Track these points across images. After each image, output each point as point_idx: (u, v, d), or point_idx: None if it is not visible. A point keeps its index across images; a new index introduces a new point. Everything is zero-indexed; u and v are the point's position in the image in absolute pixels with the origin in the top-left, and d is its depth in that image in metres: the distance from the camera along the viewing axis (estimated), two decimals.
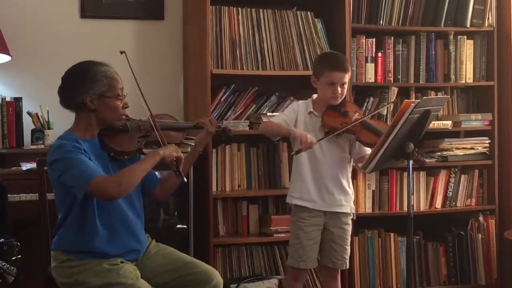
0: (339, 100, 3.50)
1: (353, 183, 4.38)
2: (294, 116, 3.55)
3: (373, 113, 3.49)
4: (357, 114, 3.52)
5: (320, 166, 3.48)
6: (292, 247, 3.59)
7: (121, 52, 3.10)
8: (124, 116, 3.03)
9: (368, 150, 3.54)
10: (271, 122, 3.58)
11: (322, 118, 3.48)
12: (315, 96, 3.60)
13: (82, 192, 2.76)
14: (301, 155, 3.46)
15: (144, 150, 3.15)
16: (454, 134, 4.76)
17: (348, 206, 3.57)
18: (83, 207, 2.86)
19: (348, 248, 3.61)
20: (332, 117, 3.48)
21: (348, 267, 3.66)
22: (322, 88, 3.51)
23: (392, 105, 4.54)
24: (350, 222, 3.61)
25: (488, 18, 4.73)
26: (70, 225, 2.91)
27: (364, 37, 4.52)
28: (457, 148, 4.68)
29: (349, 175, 3.61)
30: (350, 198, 3.60)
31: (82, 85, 2.91)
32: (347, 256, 3.60)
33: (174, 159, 2.99)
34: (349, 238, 3.62)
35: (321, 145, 3.46)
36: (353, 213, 3.62)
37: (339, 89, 3.46)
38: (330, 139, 3.46)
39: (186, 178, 3.13)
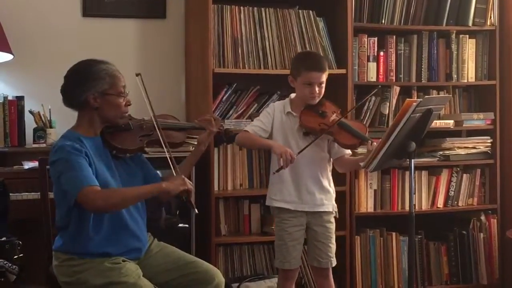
0: (317, 100, 3.49)
1: (354, 182, 4.41)
2: (270, 119, 3.54)
3: (349, 111, 3.46)
4: (335, 114, 3.50)
5: (299, 167, 3.46)
6: (277, 248, 3.59)
7: (137, 75, 3.07)
8: (127, 115, 3.03)
9: (347, 150, 3.55)
10: (247, 134, 3.51)
11: (300, 118, 3.47)
12: (293, 95, 3.59)
13: (73, 198, 2.77)
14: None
15: (146, 149, 3.15)
16: (456, 133, 4.75)
17: (329, 205, 3.57)
18: (81, 209, 2.85)
19: (333, 246, 3.59)
20: (310, 117, 3.46)
21: (334, 264, 3.62)
22: (299, 88, 3.50)
23: (394, 104, 4.53)
24: (332, 220, 3.60)
25: (490, 17, 4.73)
26: (71, 227, 2.91)
27: (366, 36, 4.51)
28: (459, 147, 4.68)
29: (329, 174, 3.60)
30: (331, 197, 3.59)
31: (84, 83, 2.92)
32: (332, 254, 3.58)
33: (182, 191, 2.94)
34: (333, 236, 3.60)
35: (299, 146, 3.44)
36: (335, 211, 3.61)
37: (316, 88, 3.45)
38: (307, 139, 3.45)
39: (197, 210, 3.07)
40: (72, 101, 2.96)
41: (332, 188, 3.61)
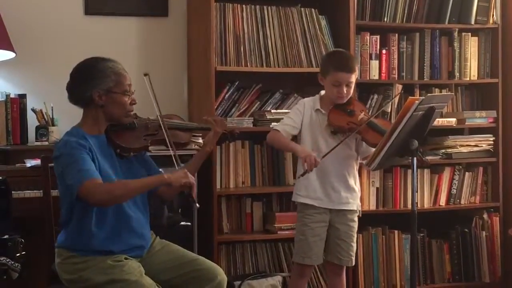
0: (345, 100, 3.49)
1: None
2: (300, 117, 3.54)
3: (377, 113, 3.49)
4: (363, 113, 3.51)
5: (325, 164, 3.45)
6: (297, 243, 3.59)
7: (145, 75, 3.08)
8: (132, 113, 3.04)
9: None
10: (277, 135, 3.52)
11: (328, 116, 3.47)
12: (323, 92, 3.59)
13: (75, 192, 2.77)
14: None
15: (150, 148, 3.16)
16: (458, 131, 4.75)
17: (354, 204, 3.57)
18: (84, 204, 2.86)
19: (354, 245, 3.60)
20: (338, 116, 3.47)
21: (354, 264, 3.65)
22: (328, 87, 3.50)
23: (396, 102, 4.53)
24: (356, 219, 3.61)
25: (493, 15, 4.73)
26: (73, 223, 2.91)
27: (369, 34, 4.51)
28: (461, 146, 4.68)
29: (356, 173, 3.61)
30: (357, 196, 3.59)
31: (90, 80, 2.92)
32: (353, 253, 3.60)
33: (184, 184, 2.94)
34: (355, 235, 3.62)
35: (327, 143, 3.45)
36: (359, 210, 3.62)
37: (344, 89, 3.45)
38: (336, 137, 3.46)
39: (198, 204, 3.08)
40: (77, 98, 2.97)
41: (358, 187, 3.61)
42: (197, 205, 3.05)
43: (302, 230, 3.56)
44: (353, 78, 3.47)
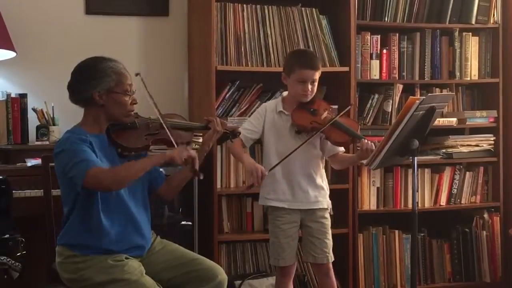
0: (309, 98, 3.50)
1: (357, 180, 4.41)
2: (261, 121, 3.56)
3: (341, 114, 3.49)
4: (326, 112, 3.51)
5: (291, 165, 3.47)
6: (271, 245, 3.60)
7: (136, 75, 3.07)
8: (133, 113, 3.04)
9: (341, 148, 3.55)
10: (234, 147, 3.54)
11: (291, 116, 3.48)
12: (285, 93, 3.61)
13: (80, 183, 2.76)
14: (271, 156, 3.50)
15: (151, 148, 3.16)
16: (459, 131, 4.75)
17: (324, 202, 3.57)
18: (87, 202, 2.86)
19: (329, 241, 3.58)
20: (301, 115, 3.47)
21: (331, 260, 3.60)
22: (292, 85, 3.51)
23: (397, 102, 4.53)
24: (327, 215, 3.60)
25: (494, 15, 4.72)
26: (75, 219, 2.91)
27: (369, 33, 4.51)
28: (462, 145, 4.68)
29: (323, 171, 3.61)
30: (325, 194, 3.59)
31: (91, 80, 2.92)
32: (328, 250, 3.57)
33: (186, 158, 2.94)
34: (329, 232, 3.59)
35: (292, 144, 3.45)
36: (329, 208, 3.61)
37: (309, 86, 3.46)
38: (300, 136, 3.46)
39: (201, 177, 3.06)
40: (78, 97, 2.97)
41: (325, 185, 3.61)
42: (201, 176, 3.03)
43: (274, 232, 3.57)
44: (317, 76, 3.48)
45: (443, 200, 4.70)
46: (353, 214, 4.40)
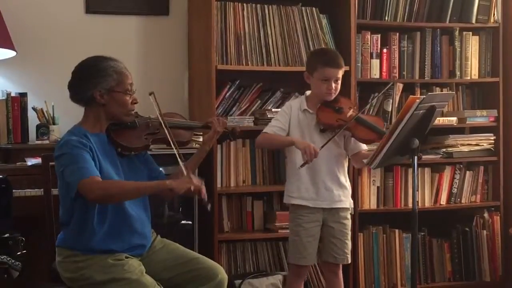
0: (333, 96, 3.50)
1: (357, 179, 4.41)
2: (287, 118, 3.56)
3: (365, 108, 3.49)
4: (351, 110, 3.52)
5: (316, 163, 3.46)
6: (292, 244, 3.59)
7: (150, 94, 3.06)
8: (133, 112, 3.04)
9: (363, 145, 3.56)
10: (269, 135, 3.54)
11: (316, 115, 3.48)
12: (308, 92, 3.60)
13: (74, 190, 2.77)
14: (296, 155, 3.48)
15: (151, 147, 3.16)
16: (459, 130, 4.75)
17: (346, 201, 3.58)
18: (84, 204, 2.86)
19: (349, 242, 3.60)
20: (326, 113, 3.48)
21: (349, 261, 3.65)
22: (315, 84, 3.51)
23: (397, 101, 4.53)
24: (349, 216, 3.62)
25: (494, 14, 4.72)
26: (74, 222, 2.91)
27: (369, 33, 4.51)
28: (462, 145, 4.68)
29: (346, 170, 3.62)
30: (348, 193, 3.61)
31: (92, 79, 2.92)
32: (348, 251, 3.60)
33: (188, 191, 2.90)
34: (349, 233, 3.62)
35: (316, 143, 3.45)
36: (351, 208, 3.62)
37: (333, 85, 3.46)
38: (324, 135, 3.46)
39: (212, 206, 3.08)
40: (79, 96, 2.97)
41: (348, 184, 3.62)
42: (210, 206, 3.03)
43: (296, 231, 3.56)
44: (340, 74, 3.49)
45: (443, 200, 4.70)
46: (353, 213, 4.39)
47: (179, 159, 2.99)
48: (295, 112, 3.56)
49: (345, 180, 3.60)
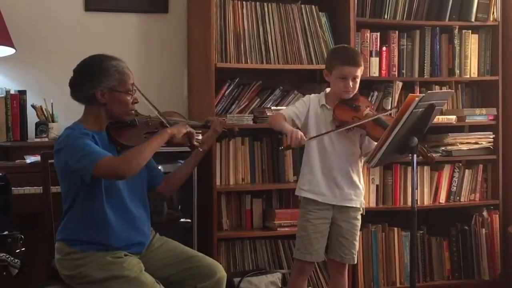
0: (351, 95, 3.49)
1: None
2: (305, 109, 3.54)
3: (386, 113, 3.51)
4: (368, 109, 3.51)
5: (330, 159, 3.46)
6: (299, 239, 3.57)
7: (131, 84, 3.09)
8: (133, 111, 3.04)
9: None
10: (276, 115, 3.54)
11: (333, 111, 3.47)
12: (328, 89, 3.59)
13: (89, 173, 2.76)
14: (311, 148, 3.47)
15: None
16: (458, 128, 4.75)
17: (358, 201, 3.55)
18: (89, 195, 2.87)
19: (357, 243, 3.58)
20: (343, 111, 3.47)
21: (355, 262, 3.63)
22: (334, 82, 3.50)
23: (396, 99, 4.53)
24: (359, 217, 3.58)
25: (493, 12, 4.72)
26: (75, 213, 2.92)
27: (369, 31, 4.51)
28: (461, 143, 4.68)
29: (360, 169, 3.59)
30: (361, 193, 3.57)
31: (93, 78, 2.92)
32: (355, 251, 3.58)
33: (185, 135, 3.00)
34: (358, 233, 3.59)
35: (331, 138, 3.45)
36: (362, 208, 3.59)
37: (350, 83, 3.45)
38: (340, 132, 3.45)
39: (201, 149, 3.16)
40: (80, 95, 2.97)
41: (362, 185, 3.59)
42: (201, 149, 3.12)
43: (304, 226, 3.55)
44: (359, 72, 3.47)
45: (442, 198, 4.70)
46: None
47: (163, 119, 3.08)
48: (314, 104, 3.54)
49: (358, 180, 3.56)
